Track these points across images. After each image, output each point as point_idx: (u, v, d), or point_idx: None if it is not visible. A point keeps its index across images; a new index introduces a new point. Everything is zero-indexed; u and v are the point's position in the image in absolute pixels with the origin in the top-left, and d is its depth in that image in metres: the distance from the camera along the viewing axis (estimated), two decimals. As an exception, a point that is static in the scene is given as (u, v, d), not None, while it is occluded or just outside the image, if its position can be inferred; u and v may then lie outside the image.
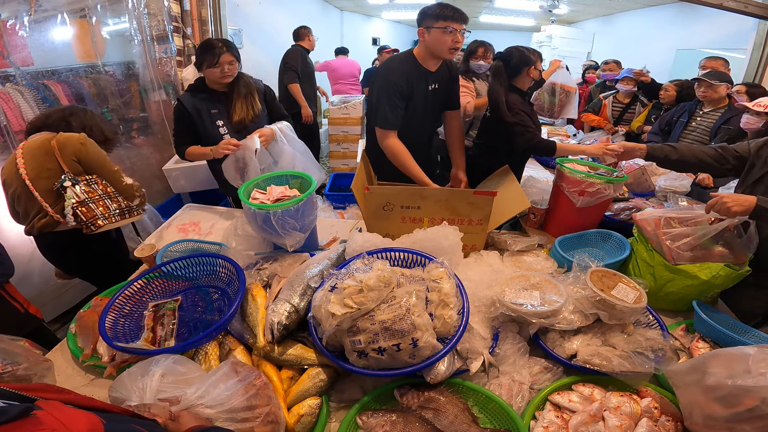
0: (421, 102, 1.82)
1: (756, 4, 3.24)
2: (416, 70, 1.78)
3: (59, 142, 1.64)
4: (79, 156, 1.67)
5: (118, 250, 1.94)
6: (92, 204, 1.67)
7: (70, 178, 1.64)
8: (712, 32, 4.96)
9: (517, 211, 1.60)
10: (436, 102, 1.90)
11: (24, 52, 2.16)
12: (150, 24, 2.95)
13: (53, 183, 1.63)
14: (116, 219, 1.74)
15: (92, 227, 1.66)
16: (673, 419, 0.97)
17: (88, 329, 1.18)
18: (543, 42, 7.89)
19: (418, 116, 1.85)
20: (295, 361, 1.07)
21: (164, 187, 3.01)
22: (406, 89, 1.75)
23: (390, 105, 1.75)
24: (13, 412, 0.46)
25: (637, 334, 1.13)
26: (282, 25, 5.93)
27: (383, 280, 1.01)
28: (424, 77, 1.81)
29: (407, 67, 1.77)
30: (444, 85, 1.89)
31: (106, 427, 0.55)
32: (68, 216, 1.61)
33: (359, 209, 1.76)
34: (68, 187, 1.62)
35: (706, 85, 2.46)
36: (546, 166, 2.99)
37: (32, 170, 1.61)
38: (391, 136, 1.78)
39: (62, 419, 0.50)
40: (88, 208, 1.65)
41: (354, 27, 9.42)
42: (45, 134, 1.67)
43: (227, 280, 1.28)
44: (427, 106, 1.87)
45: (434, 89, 1.85)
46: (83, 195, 1.65)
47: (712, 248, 1.31)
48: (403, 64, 1.79)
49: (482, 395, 1.02)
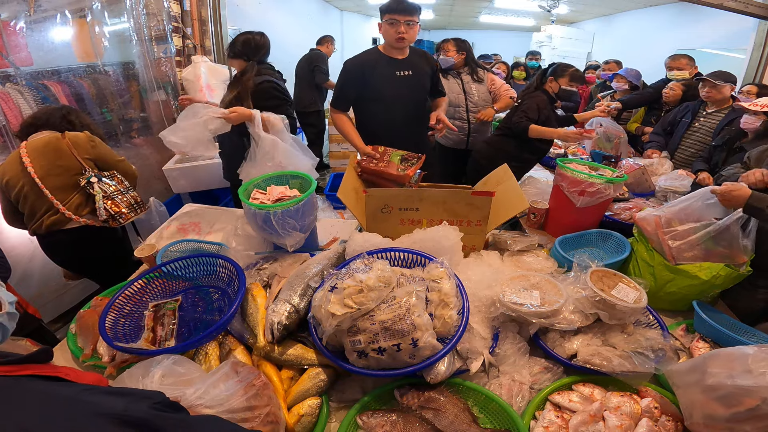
0: (386, 84, 2.01)
1: (756, 4, 3.24)
2: (377, 59, 2.00)
3: (72, 140, 1.69)
4: (92, 154, 1.75)
5: (123, 248, 1.95)
6: (117, 198, 1.78)
7: (95, 174, 1.73)
8: (712, 32, 4.95)
9: (517, 212, 1.60)
10: (410, 88, 2.05)
11: (24, 52, 2.16)
12: (149, 24, 2.95)
13: (63, 180, 1.68)
14: (138, 211, 1.87)
15: (120, 219, 1.77)
16: (673, 419, 0.97)
17: (88, 329, 1.18)
18: (543, 42, 7.88)
19: (386, 97, 2.04)
20: (295, 361, 1.07)
21: (164, 187, 3.01)
22: (358, 76, 2.00)
23: (339, 88, 2.08)
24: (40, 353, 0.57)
25: (637, 334, 1.13)
26: (282, 25, 5.93)
27: (383, 280, 1.01)
28: (389, 64, 2.00)
29: (366, 57, 2.02)
30: (419, 74, 2.05)
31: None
32: (100, 210, 1.70)
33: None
34: (95, 183, 1.70)
35: (710, 85, 2.44)
36: (546, 166, 2.99)
37: (41, 168, 1.63)
38: (336, 113, 2.12)
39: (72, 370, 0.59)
40: (114, 202, 1.76)
41: (354, 27, 9.42)
42: (49, 133, 1.69)
43: (227, 280, 1.28)
44: (396, 90, 2.03)
45: (405, 75, 2.02)
46: (109, 189, 1.77)
47: (712, 248, 1.31)
48: (363, 54, 2.05)
49: (482, 395, 1.01)
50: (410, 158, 1.87)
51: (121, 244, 1.97)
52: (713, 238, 1.30)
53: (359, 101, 2.12)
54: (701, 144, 2.52)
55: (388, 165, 1.82)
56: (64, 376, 0.55)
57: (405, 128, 2.09)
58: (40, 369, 0.55)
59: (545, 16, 7.68)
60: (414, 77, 2.03)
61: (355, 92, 2.06)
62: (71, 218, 1.69)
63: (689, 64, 3.03)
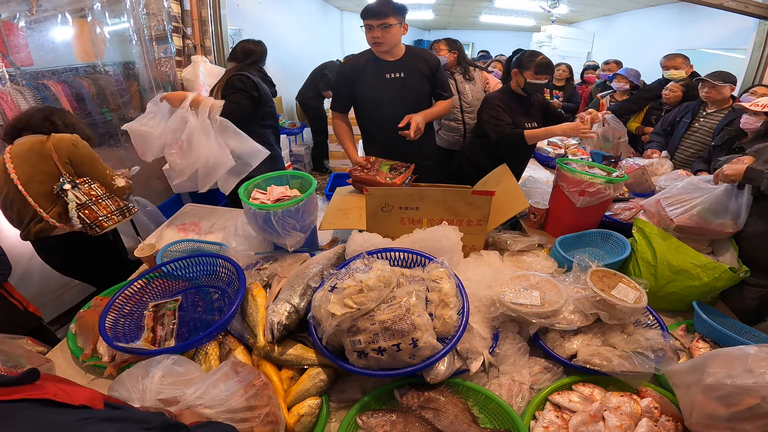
0: (374, 86, 2.00)
1: (756, 4, 3.24)
2: (368, 61, 2.00)
3: (55, 143, 1.60)
4: (71, 157, 1.65)
5: (115, 251, 1.94)
6: (94, 206, 1.66)
7: (69, 180, 1.62)
8: (712, 32, 4.95)
9: (517, 211, 1.60)
10: (401, 90, 2.00)
11: (24, 52, 2.16)
12: (149, 24, 2.95)
13: (48, 186, 1.60)
14: (118, 218, 1.74)
15: (97, 228, 1.66)
16: (673, 419, 0.97)
17: (88, 329, 1.18)
18: (543, 42, 7.87)
19: (374, 99, 2.03)
20: (295, 361, 1.07)
21: (164, 187, 3.00)
22: (349, 78, 2.03)
23: (335, 90, 2.14)
24: (28, 376, 0.54)
25: (637, 334, 1.13)
26: (282, 25, 5.92)
27: (383, 280, 1.01)
28: (378, 67, 1.99)
29: (358, 60, 2.03)
30: (412, 76, 2.01)
31: (105, 402, 0.59)
32: (74, 219, 1.60)
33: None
34: (68, 190, 1.60)
35: (710, 85, 2.44)
36: (546, 166, 2.99)
37: (24, 174, 1.57)
38: (335, 116, 2.14)
39: (64, 388, 0.57)
40: (91, 210, 1.65)
41: (354, 27, 9.39)
42: (33, 137, 1.62)
43: (227, 280, 1.28)
44: (384, 92, 2.01)
45: (395, 77, 2.00)
46: (84, 197, 1.64)
47: (711, 220, 1.42)
48: (357, 56, 2.06)
49: (482, 395, 1.02)
50: (399, 167, 1.91)
51: (114, 246, 1.93)
52: (709, 209, 1.42)
53: (355, 103, 2.13)
54: (701, 144, 2.52)
55: (378, 174, 1.86)
56: (54, 397, 0.53)
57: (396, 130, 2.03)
58: (30, 391, 0.53)
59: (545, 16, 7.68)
60: (405, 79, 2.00)
61: (348, 94, 2.07)
62: (56, 226, 1.63)
63: (684, 62, 3.05)
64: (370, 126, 2.16)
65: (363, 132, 2.24)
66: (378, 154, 2.04)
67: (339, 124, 2.13)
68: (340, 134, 2.12)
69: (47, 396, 0.53)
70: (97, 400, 0.59)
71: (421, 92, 2.07)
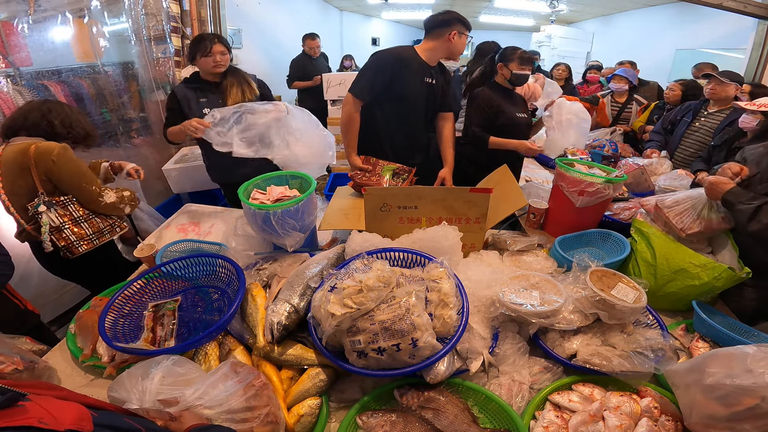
0: (414, 88, 1.94)
1: (756, 4, 3.24)
2: (413, 59, 1.91)
3: (36, 157, 1.48)
4: (50, 175, 1.52)
5: (109, 255, 1.90)
6: (67, 230, 1.56)
7: (45, 201, 1.51)
8: (712, 32, 4.96)
9: (515, 209, 1.60)
10: (431, 97, 2.00)
11: (23, 52, 2.16)
12: (148, 24, 2.95)
13: (26, 200, 1.52)
14: (96, 242, 1.65)
15: (68, 254, 1.59)
16: (673, 419, 0.97)
17: (87, 329, 1.18)
18: (543, 42, 7.89)
19: (408, 99, 1.95)
20: (295, 361, 1.07)
21: (164, 187, 3.01)
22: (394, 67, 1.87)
23: (371, 77, 1.88)
24: (8, 401, 0.49)
25: (637, 334, 1.13)
26: (281, 25, 5.93)
27: (383, 280, 1.01)
28: (423, 69, 1.93)
29: (402, 53, 1.91)
30: (439, 85, 2.00)
31: (95, 420, 0.56)
32: (45, 243, 1.52)
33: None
34: (43, 213, 1.51)
35: (716, 81, 2.43)
36: (546, 166, 2.99)
37: (7, 184, 1.50)
38: (352, 105, 1.91)
39: (50, 409, 0.52)
40: (63, 236, 1.55)
41: (354, 27, 9.42)
42: (23, 143, 1.52)
43: (227, 281, 1.28)
44: (421, 96, 1.97)
45: (429, 83, 1.97)
46: (58, 220, 1.54)
47: (712, 217, 1.42)
48: (399, 49, 1.95)
49: (482, 395, 1.01)
50: (401, 172, 1.91)
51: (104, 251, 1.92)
52: (710, 208, 1.43)
53: (381, 95, 1.95)
54: (701, 144, 2.51)
55: (380, 179, 1.86)
56: (38, 423, 0.49)
57: (412, 134, 2.06)
58: (11, 417, 0.48)
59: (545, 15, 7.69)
60: (435, 86, 1.99)
61: (383, 82, 1.88)
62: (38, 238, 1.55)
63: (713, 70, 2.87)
64: (383, 123, 2.02)
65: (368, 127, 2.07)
66: (377, 152, 2.00)
67: (353, 115, 1.92)
68: (351, 127, 1.94)
69: (31, 423, 0.49)
70: (85, 420, 0.55)
71: (437, 104, 2.05)
